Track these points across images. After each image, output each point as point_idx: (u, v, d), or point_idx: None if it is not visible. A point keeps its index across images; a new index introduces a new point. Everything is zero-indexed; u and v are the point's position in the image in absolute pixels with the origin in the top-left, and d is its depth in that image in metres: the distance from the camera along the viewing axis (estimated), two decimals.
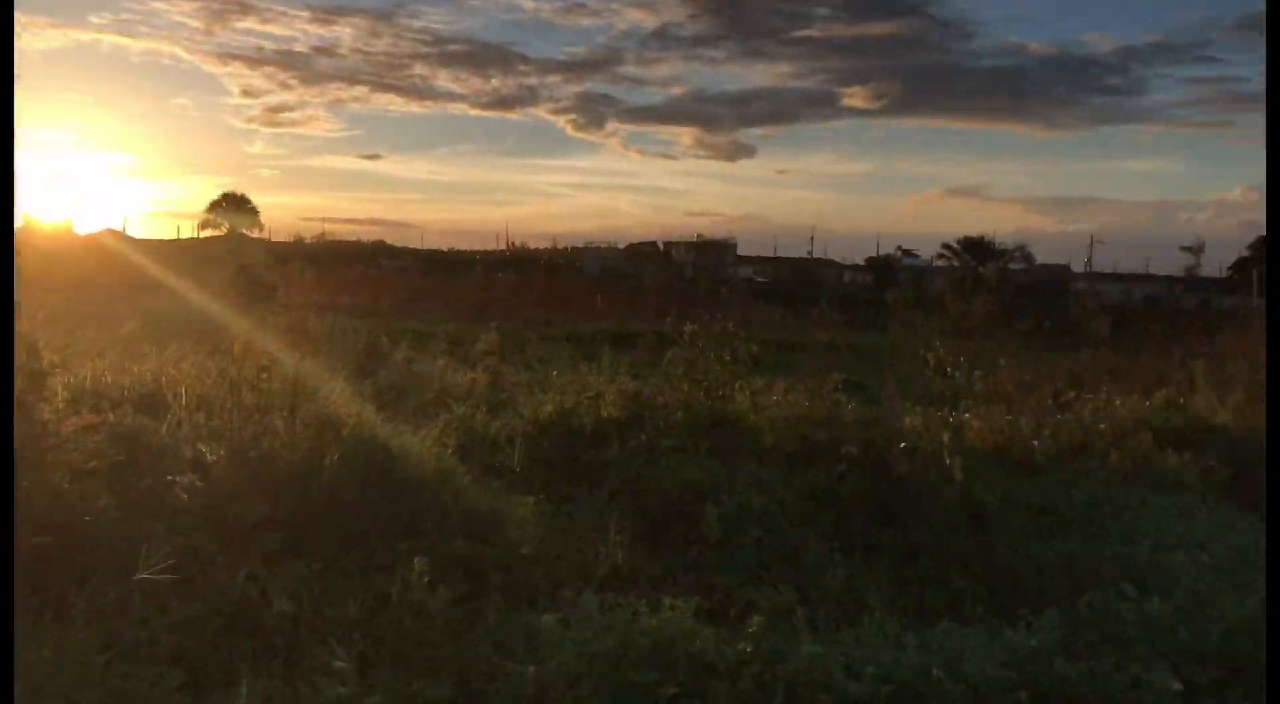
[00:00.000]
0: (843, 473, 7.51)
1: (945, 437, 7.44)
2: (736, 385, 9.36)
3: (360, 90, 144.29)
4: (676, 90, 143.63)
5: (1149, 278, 69.07)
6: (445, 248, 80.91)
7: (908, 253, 77.55)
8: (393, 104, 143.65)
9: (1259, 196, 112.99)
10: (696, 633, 4.74)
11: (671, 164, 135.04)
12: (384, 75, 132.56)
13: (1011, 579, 6.73)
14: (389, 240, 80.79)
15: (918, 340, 14.33)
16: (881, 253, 78.04)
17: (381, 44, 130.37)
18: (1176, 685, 5.26)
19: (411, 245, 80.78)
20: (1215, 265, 73.03)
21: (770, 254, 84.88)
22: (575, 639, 4.59)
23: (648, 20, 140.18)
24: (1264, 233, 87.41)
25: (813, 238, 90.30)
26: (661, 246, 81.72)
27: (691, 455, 7.85)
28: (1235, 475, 9.58)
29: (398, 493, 6.47)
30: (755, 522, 6.74)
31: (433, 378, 11.02)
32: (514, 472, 7.46)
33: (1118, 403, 10.99)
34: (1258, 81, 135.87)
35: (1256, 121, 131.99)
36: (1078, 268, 69.65)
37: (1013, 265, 60.69)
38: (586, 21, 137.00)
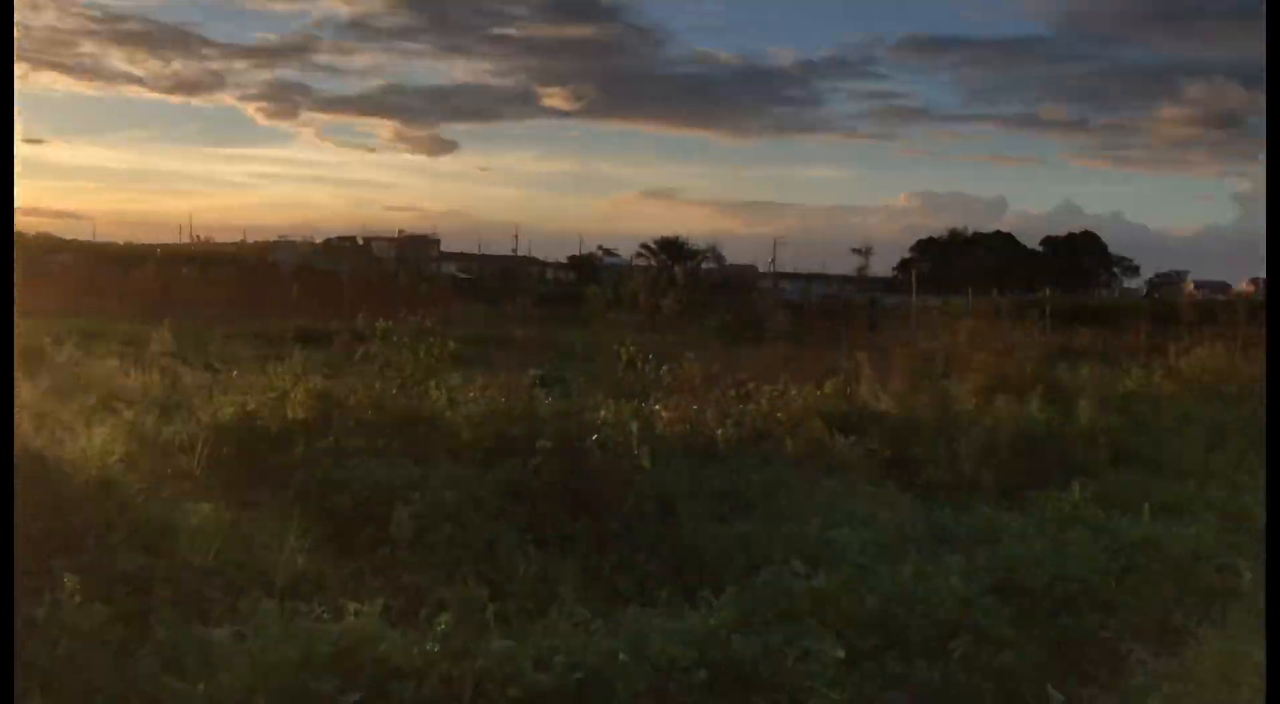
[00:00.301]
0: (537, 466, 7.58)
1: (634, 427, 7.69)
2: (432, 382, 9.24)
3: (19, 68, 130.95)
4: (375, 82, 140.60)
5: (826, 277, 74.36)
6: (120, 240, 74.74)
7: (608, 252, 79.48)
8: (58, 84, 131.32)
9: (920, 203, 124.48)
10: (382, 636, 4.64)
11: (371, 156, 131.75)
12: (45, 52, 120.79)
13: (696, 562, 7.04)
14: (55, 232, 73.63)
15: (614, 336, 14.71)
16: (584, 252, 79.64)
17: (44, 18, 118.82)
18: (840, 653, 5.69)
19: (82, 238, 74.04)
20: (882, 266, 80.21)
21: (474, 250, 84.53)
22: (251, 652, 4.37)
23: (343, 9, 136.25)
24: (924, 236, 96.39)
25: (516, 235, 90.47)
26: (361, 241, 79.49)
27: (383, 455, 7.67)
28: (894, 456, 10.51)
29: (54, 507, 5.91)
30: (448, 519, 6.68)
31: (101, 380, 10.17)
32: (190, 479, 7.01)
33: (794, 392, 11.74)
34: (917, 97, 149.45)
35: (917, 134, 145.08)
36: (764, 268, 74.01)
37: (705, 265, 63.66)
38: (278, 7, 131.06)
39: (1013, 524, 8.27)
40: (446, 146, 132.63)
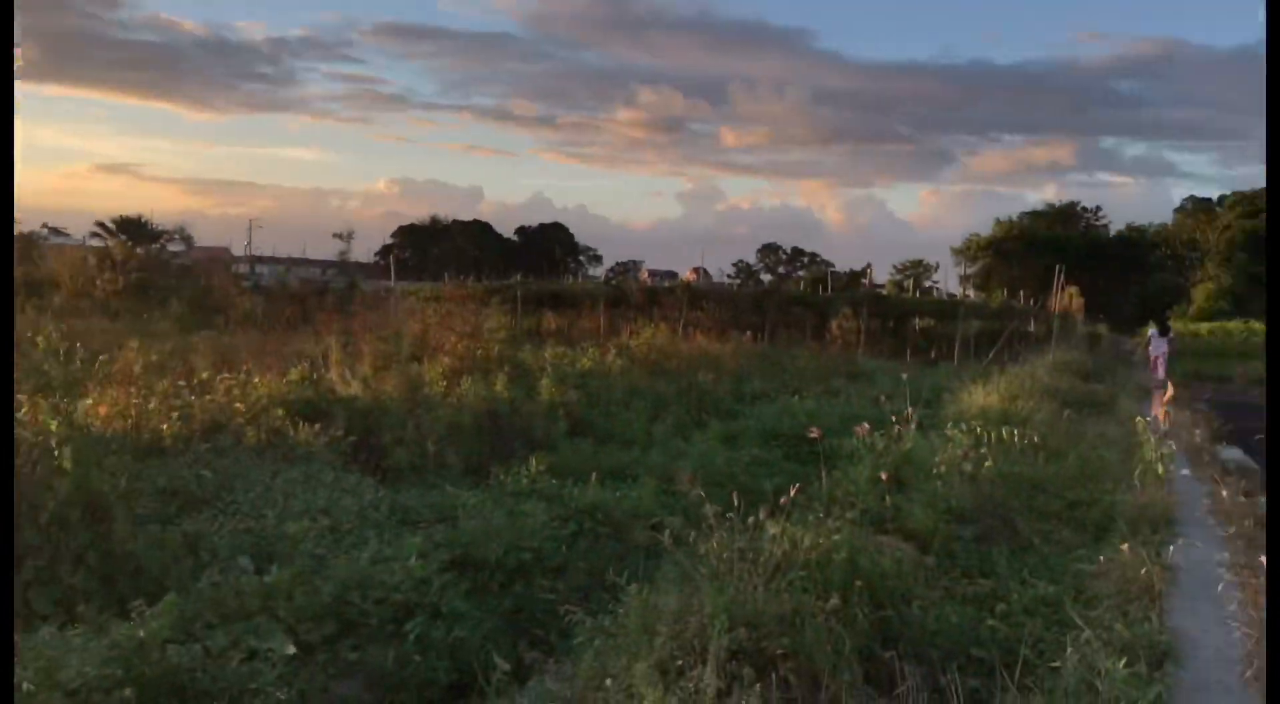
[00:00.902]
0: None
1: (53, 425, 6.78)
2: None
3: None
4: None
5: (307, 262, 72.26)
6: None
7: (56, 230, 70.87)
8: None
9: (400, 190, 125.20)
10: None
11: None
12: None
13: (133, 569, 6.40)
14: None
15: (49, 324, 13.03)
16: (24, 230, 70.33)
17: None
18: (290, 649, 5.45)
19: None
20: (365, 251, 79.84)
21: None
22: None
23: None
24: (405, 223, 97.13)
25: None
26: None
27: None
28: (361, 441, 10.34)
29: None
30: None
31: None
32: None
33: (256, 381, 11.16)
34: (394, 84, 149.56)
35: (394, 121, 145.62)
36: (239, 251, 70.34)
37: (172, 247, 59.16)
38: None
39: (473, 500, 8.48)
40: None
